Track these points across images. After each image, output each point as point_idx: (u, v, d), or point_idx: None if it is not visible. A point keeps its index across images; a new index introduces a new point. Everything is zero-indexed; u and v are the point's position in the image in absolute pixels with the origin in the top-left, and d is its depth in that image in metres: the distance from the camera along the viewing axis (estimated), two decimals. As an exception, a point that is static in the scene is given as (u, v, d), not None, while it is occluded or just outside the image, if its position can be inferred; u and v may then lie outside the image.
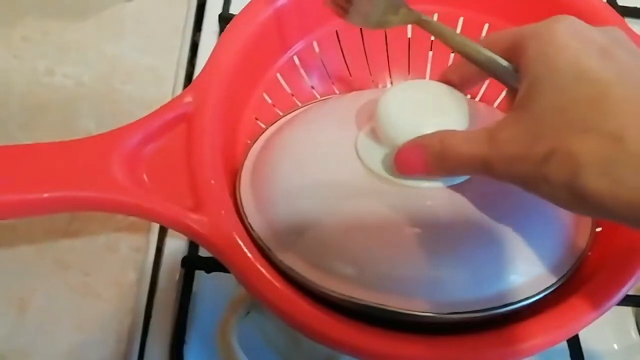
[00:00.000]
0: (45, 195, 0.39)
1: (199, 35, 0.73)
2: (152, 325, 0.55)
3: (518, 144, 0.33)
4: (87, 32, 0.72)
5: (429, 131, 0.38)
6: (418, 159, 0.38)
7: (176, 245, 0.59)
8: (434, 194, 0.40)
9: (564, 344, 0.55)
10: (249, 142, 0.48)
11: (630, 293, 0.55)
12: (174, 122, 0.42)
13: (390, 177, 0.40)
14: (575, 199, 0.31)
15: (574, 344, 0.55)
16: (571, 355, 0.55)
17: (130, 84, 0.70)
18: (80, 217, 0.61)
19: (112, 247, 0.60)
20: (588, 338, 0.56)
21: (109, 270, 0.58)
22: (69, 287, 0.57)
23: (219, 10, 0.72)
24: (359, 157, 0.41)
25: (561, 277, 0.40)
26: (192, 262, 0.58)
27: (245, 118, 0.48)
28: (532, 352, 0.37)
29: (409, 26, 0.54)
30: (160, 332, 0.55)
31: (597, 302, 0.39)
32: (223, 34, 0.47)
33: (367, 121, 0.43)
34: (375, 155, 0.41)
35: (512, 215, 0.40)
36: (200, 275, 0.58)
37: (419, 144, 0.38)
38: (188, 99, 0.43)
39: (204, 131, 0.42)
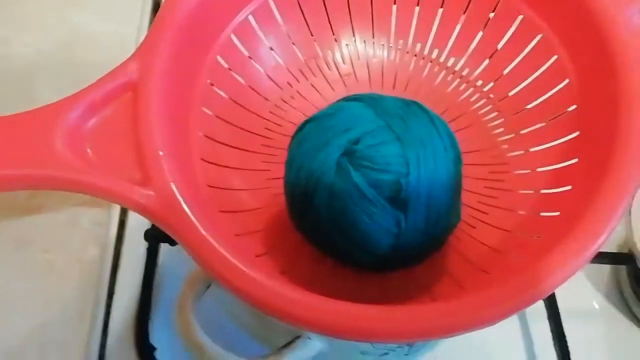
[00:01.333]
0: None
1: (161, -2, 0.70)
2: (116, 302, 0.54)
3: None
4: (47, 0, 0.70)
5: None
6: None
7: (139, 219, 0.57)
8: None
9: (540, 304, 0.54)
10: (204, 109, 0.46)
11: (607, 250, 0.56)
12: (118, 91, 0.40)
13: None
14: None
15: (552, 304, 0.54)
16: (549, 316, 0.54)
17: (92, 52, 0.68)
18: (40, 193, 0.59)
19: (74, 223, 0.58)
20: (566, 297, 0.55)
21: (70, 246, 0.57)
22: (30, 265, 0.56)
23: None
24: None
25: None
26: (155, 236, 0.56)
27: (200, 83, 0.46)
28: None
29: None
30: (124, 308, 0.54)
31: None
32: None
33: None
34: None
35: None
36: (165, 248, 0.56)
37: None
38: (133, 65, 0.40)
39: (150, 99, 0.39)
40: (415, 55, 0.53)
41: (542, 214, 0.43)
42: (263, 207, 0.46)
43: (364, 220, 0.40)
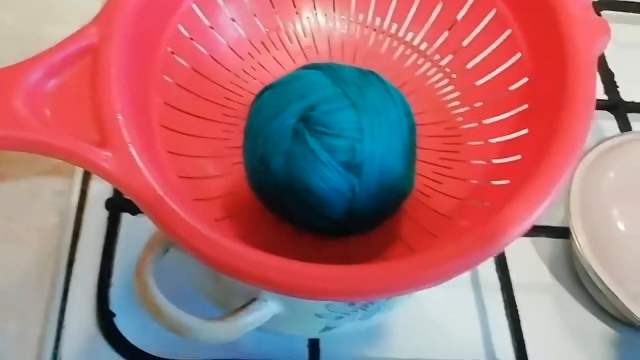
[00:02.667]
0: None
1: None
2: (76, 269, 0.54)
3: None
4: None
5: None
6: None
7: (101, 188, 0.58)
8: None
9: (494, 277, 0.56)
10: (165, 77, 0.46)
11: (548, 224, 0.58)
12: (78, 55, 0.40)
13: None
14: None
15: (505, 276, 0.56)
16: (502, 287, 0.56)
17: (57, 25, 0.67)
18: (2, 161, 0.59)
19: (35, 192, 0.58)
20: (519, 271, 0.57)
21: (32, 214, 0.57)
22: (-9, 232, 0.56)
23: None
24: None
25: None
26: (117, 205, 0.57)
27: (161, 51, 0.46)
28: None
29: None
30: (85, 276, 0.54)
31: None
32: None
33: None
34: None
35: None
36: (126, 217, 0.57)
37: None
38: (93, 30, 0.41)
39: (109, 63, 0.40)
40: (375, 30, 0.54)
41: (494, 182, 0.44)
42: (223, 175, 0.47)
43: (318, 184, 0.41)
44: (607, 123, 0.64)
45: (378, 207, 0.43)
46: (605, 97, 0.67)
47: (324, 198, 0.42)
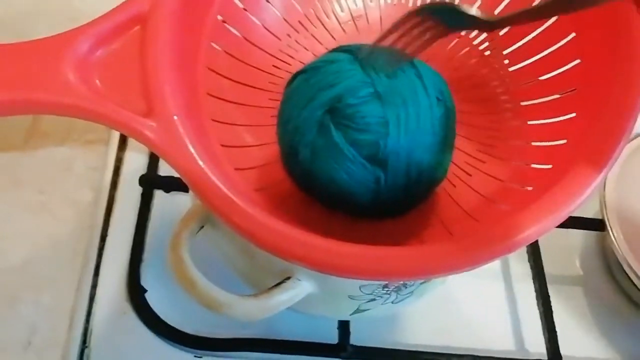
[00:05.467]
0: (-3, 96, 0.38)
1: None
2: (108, 244, 0.54)
3: None
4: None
5: None
6: None
7: (135, 164, 0.58)
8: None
9: (526, 265, 0.56)
10: (213, 44, 0.46)
11: (582, 215, 0.57)
12: (127, 23, 0.40)
13: None
14: None
15: (537, 265, 0.56)
16: (533, 276, 0.56)
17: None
18: (36, 135, 0.59)
19: (69, 166, 0.59)
20: (552, 261, 0.57)
21: (64, 188, 0.57)
22: (23, 205, 0.56)
23: None
24: None
25: None
26: (150, 181, 0.57)
27: (210, 20, 0.46)
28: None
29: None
30: (117, 251, 0.54)
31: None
32: None
33: None
34: None
35: None
36: (159, 194, 0.57)
37: None
38: (142, -1, 0.41)
39: (158, 33, 0.40)
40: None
41: (533, 165, 0.44)
42: (265, 143, 0.47)
43: (343, 177, 0.42)
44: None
45: (406, 195, 0.43)
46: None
47: (349, 189, 0.42)
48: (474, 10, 0.39)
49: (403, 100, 0.41)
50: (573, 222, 0.56)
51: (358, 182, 0.42)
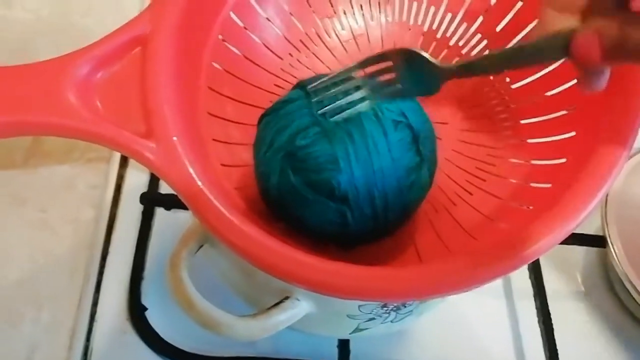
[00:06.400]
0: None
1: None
2: (109, 262, 0.54)
3: None
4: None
5: None
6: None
7: (136, 183, 0.58)
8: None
9: (527, 283, 0.56)
10: (214, 64, 0.47)
11: (583, 232, 0.57)
12: (128, 45, 0.40)
13: None
14: None
15: (538, 282, 0.56)
16: (535, 294, 0.56)
17: (91, 17, 0.68)
18: (38, 153, 0.60)
19: (70, 184, 0.59)
20: (553, 277, 0.57)
21: (66, 206, 0.57)
22: (24, 223, 0.56)
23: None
24: None
25: None
26: (151, 199, 0.57)
27: (212, 39, 0.47)
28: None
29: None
30: (118, 269, 0.54)
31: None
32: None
33: None
34: None
35: None
36: (160, 212, 0.57)
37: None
38: (145, 20, 0.41)
39: (158, 54, 0.40)
40: (410, 29, 0.54)
41: (533, 184, 0.44)
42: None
43: (309, 216, 0.42)
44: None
45: (377, 223, 0.43)
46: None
47: (319, 226, 0.43)
48: (435, 60, 0.39)
49: (348, 133, 0.41)
50: (574, 239, 0.56)
51: (325, 220, 0.42)
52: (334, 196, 0.41)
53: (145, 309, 0.53)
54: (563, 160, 0.43)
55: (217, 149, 0.45)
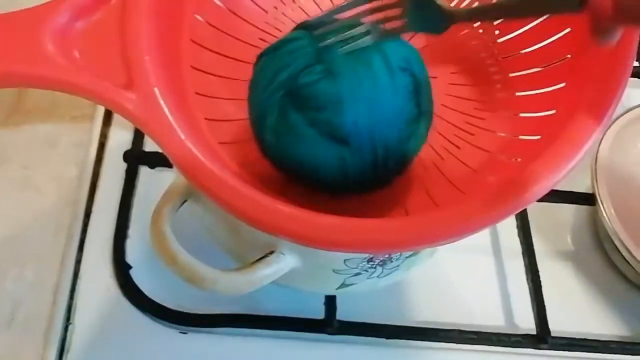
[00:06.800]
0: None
1: None
2: (93, 220, 0.54)
3: None
4: None
5: None
6: None
7: (119, 141, 0.58)
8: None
9: (515, 241, 0.56)
10: (196, 16, 0.46)
11: (573, 190, 0.57)
12: (108, -6, 0.40)
13: None
14: None
15: (527, 240, 0.55)
16: (523, 252, 0.55)
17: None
18: (19, 110, 0.59)
19: (53, 142, 0.58)
20: (542, 236, 0.57)
21: (49, 164, 0.57)
22: (7, 180, 0.55)
23: None
24: None
25: None
26: (135, 157, 0.56)
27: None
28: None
29: None
30: (101, 227, 0.54)
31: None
32: None
33: None
34: None
35: None
36: (144, 170, 0.56)
37: None
38: (124, -31, 0.40)
39: (139, 3, 0.39)
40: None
41: (522, 137, 0.43)
42: (246, 117, 0.46)
43: (307, 158, 0.41)
44: (637, 91, 0.62)
45: (376, 170, 0.42)
46: (636, 64, 0.63)
47: (316, 169, 0.41)
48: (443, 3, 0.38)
49: (357, 74, 0.40)
50: (563, 197, 0.56)
51: (323, 162, 0.41)
52: (335, 137, 0.40)
53: (130, 267, 0.52)
54: (552, 111, 0.42)
55: (200, 103, 0.44)
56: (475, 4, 0.42)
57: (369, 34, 0.41)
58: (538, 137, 0.41)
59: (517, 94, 0.46)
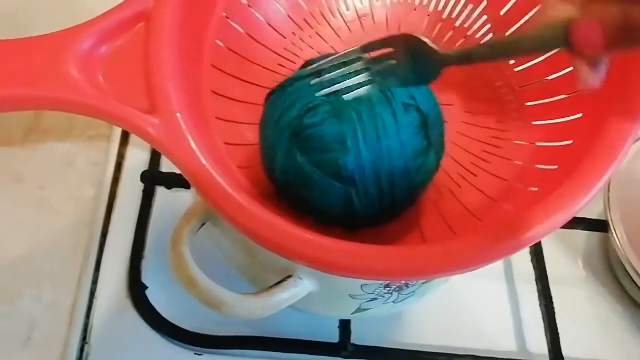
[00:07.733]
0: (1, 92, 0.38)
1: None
2: (109, 241, 0.54)
3: None
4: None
5: None
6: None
7: (137, 161, 0.58)
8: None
9: (529, 267, 0.56)
10: (218, 42, 0.46)
11: (586, 216, 0.57)
12: (132, 20, 0.40)
13: None
14: None
15: (540, 266, 0.56)
16: (537, 278, 0.55)
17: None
18: (37, 130, 0.59)
19: (70, 162, 0.58)
20: (555, 262, 0.57)
21: (66, 184, 0.57)
22: (23, 200, 0.56)
23: None
24: None
25: None
26: (152, 178, 0.57)
27: (215, 17, 0.46)
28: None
29: None
30: (118, 248, 0.54)
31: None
32: None
33: None
34: None
35: None
36: (161, 191, 0.57)
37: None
38: (148, -5, 0.41)
39: (162, 29, 0.40)
40: (415, 9, 0.54)
41: (538, 166, 0.44)
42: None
43: (315, 195, 0.42)
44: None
45: (383, 205, 0.42)
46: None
47: (325, 207, 0.42)
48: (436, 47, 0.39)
49: (358, 114, 0.41)
50: (577, 223, 0.56)
51: (330, 200, 0.42)
52: (340, 176, 0.41)
53: (146, 287, 0.52)
54: (570, 142, 0.42)
55: (220, 127, 0.45)
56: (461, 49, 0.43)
57: (365, 85, 0.41)
58: (555, 167, 0.42)
59: (534, 122, 0.47)
